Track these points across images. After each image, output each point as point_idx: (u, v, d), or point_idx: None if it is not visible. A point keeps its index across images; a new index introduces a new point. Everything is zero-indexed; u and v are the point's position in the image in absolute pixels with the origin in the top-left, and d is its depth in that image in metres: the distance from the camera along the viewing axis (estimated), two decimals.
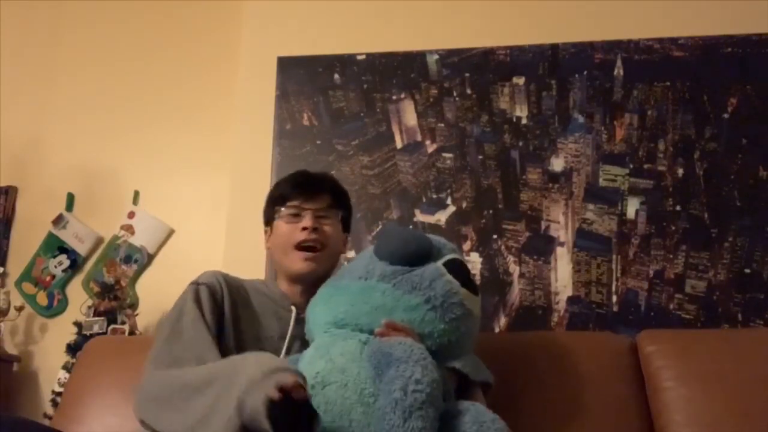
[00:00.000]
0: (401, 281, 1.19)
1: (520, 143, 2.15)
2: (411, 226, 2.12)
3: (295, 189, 1.42)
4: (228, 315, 1.30)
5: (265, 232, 1.48)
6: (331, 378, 1.09)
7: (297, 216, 1.39)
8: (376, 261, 1.24)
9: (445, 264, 1.23)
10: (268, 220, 1.47)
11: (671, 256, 1.99)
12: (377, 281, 1.21)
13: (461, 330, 1.21)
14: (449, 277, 1.21)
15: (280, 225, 1.41)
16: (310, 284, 1.38)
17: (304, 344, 1.31)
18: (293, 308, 1.37)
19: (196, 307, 1.26)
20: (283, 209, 1.41)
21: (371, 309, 1.18)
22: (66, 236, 2.58)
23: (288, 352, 1.30)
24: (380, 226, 2.16)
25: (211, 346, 1.20)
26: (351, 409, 1.05)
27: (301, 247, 1.36)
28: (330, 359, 1.12)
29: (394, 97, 2.26)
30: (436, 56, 2.27)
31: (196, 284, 1.31)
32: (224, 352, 1.21)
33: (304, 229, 1.36)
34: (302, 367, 1.14)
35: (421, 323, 1.17)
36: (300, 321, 1.34)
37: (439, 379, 1.04)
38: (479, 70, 2.23)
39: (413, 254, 1.22)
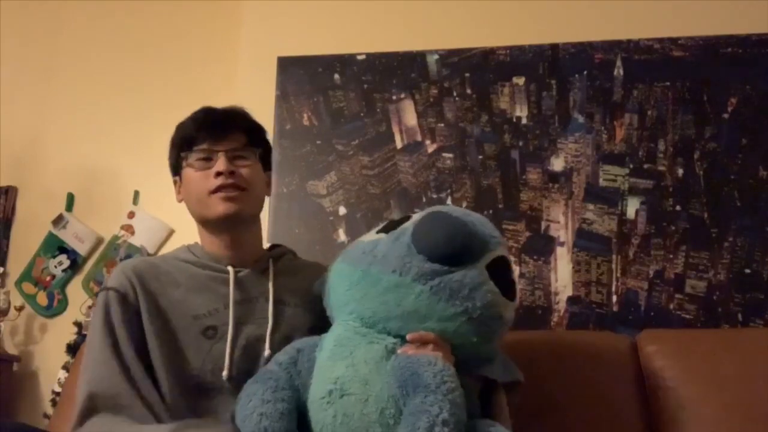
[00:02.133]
0: (439, 286, 1.08)
1: (520, 143, 2.15)
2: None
3: (201, 129, 1.24)
4: (147, 312, 1.16)
5: (175, 182, 1.32)
6: (352, 388, 1.04)
7: (208, 160, 1.23)
8: (413, 254, 1.11)
9: (489, 265, 1.12)
10: (176, 168, 1.30)
11: (671, 256, 1.99)
12: (412, 280, 1.09)
13: (494, 341, 1.15)
14: (491, 285, 1.10)
15: (190, 172, 1.24)
16: (238, 230, 1.25)
17: (252, 305, 1.21)
18: (230, 269, 1.23)
19: (104, 325, 1.14)
20: (191, 154, 1.24)
21: (403, 313, 1.09)
22: (66, 236, 2.59)
23: (236, 321, 1.19)
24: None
25: (119, 380, 1.10)
26: (369, 427, 1.01)
27: (217, 191, 1.21)
28: (352, 364, 1.06)
29: (394, 97, 2.26)
30: (436, 56, 2.26)
31: (105, 290, 1.19)
32: (151, 351, 1.14)
33: (219, 174, 1.20)
34: (321, 361, 1.10)
35: (454, 334, 1.09)
36: (240, 281, 1.23)
37: (465, 418, 0.98)
38: (479, 70, 2.23)
39: (457, 255, 1.10)
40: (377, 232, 1.21)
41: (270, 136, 2.26)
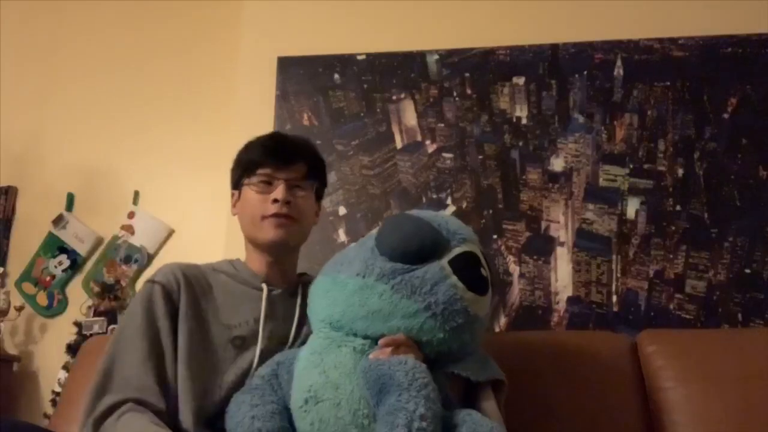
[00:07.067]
0: (400, 283, 1.10)
1: (520, 143, 2.15)
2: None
3: (267, 155, 1.31)
4: (185, 311, 1.23)
5: (232, 195, 1.38)
6: (325, 394, 1.05)
7: (268, 185, 1.29)
8: (376, 256, 1.14)
9: (452, 261, 1.13)
10: (236, 184, 1.36)
11: (671, 256, 1.99)
12: (375, 281, 1.11)
13: (463, 338, 1.14)
14: (453, 279, 1.11)
15: (249, 193, 1.31)
16: (280, 254, 1.32)
17: (277, 323, 1.27)
18: (264, 286, 1.30)
19: (144, 313, 1.21)
20: (254, 176, 1.30)
21: (367, 313, 1.11)
22: (66, 236, 2.58)
23: (265, 334, 1.25)
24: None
25: (147, 371, 1.16)
26: (345, 430, 1.03)
27: (272, 217, 1.28)
28: (323, 371, 1.08)
29: (394, 97, 2.26)
30: (436, 56, 2.26)
31: (151, 282, 1.26)
32: (179, 350, 1.19)
33: (275, 201, 1.27)
34: (298, 372, 1.12)
35: (419, 331, 1.10)
36: (272, 299, 1.29)
37: (440, 411, 0.99)
38: (479, 70, 2.23)
39: (415, 253, 1.12)
40: None
41: None
